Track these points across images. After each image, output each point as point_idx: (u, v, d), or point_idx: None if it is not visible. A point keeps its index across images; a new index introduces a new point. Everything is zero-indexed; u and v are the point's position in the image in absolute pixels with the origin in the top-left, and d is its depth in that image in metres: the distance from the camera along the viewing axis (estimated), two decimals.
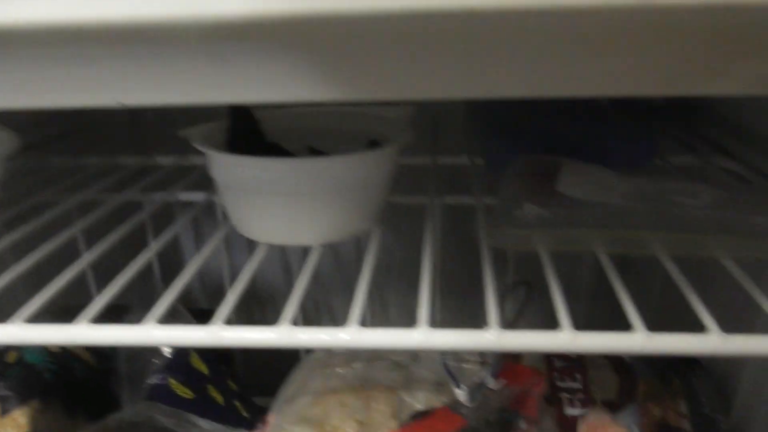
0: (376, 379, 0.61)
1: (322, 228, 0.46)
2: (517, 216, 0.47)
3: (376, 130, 0.51)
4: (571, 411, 0.58)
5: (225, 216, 0.51)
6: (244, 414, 0.67)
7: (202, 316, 0.62)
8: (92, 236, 0.52)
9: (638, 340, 0.34)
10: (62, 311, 0.40)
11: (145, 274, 0.50)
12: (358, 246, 0.87)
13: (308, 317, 0.96)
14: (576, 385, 0.61)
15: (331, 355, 0.67)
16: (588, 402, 0.58)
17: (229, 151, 0.47)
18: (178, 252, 0.92)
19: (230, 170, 0.44)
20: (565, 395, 0.59)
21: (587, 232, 0.45)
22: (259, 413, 0.67)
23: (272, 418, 0.64)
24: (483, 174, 0.59)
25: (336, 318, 0.97)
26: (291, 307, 0.39)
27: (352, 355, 0.67)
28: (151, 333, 0.37)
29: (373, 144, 0.50)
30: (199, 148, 0.44)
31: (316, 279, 0.45)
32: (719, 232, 0.44)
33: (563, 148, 0.60)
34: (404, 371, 0.62)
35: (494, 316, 0.36)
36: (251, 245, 0.47)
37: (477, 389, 0.47)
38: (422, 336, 0.35)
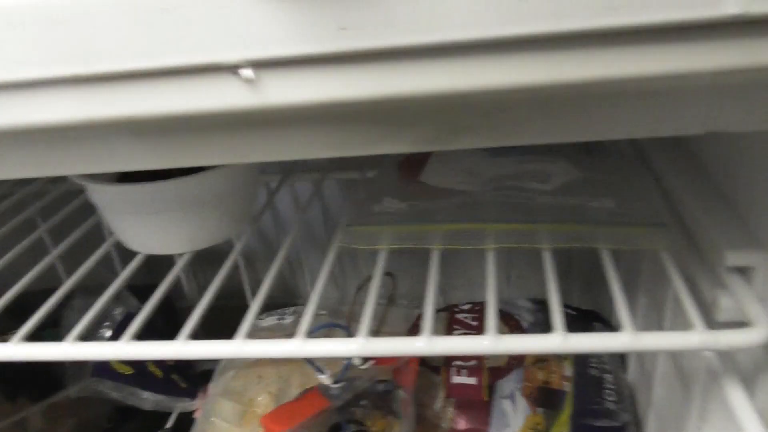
0: None
1: (188, 238, 0.49)
2: (374, 211, 0.50)
3: None
4: (457, 379, 0.62)
5: None
6: (183, 385, 0.73)
7: (145, 290, 0.67)
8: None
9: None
10: None
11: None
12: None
13: None
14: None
15: (259, 330, 0.71)
16: (477, 370, 0.62)
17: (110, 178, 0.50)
18: None
19: (98, 196, 0.48)
20: (457, 364, 0.63)
21: (430, 227, 0.48)
22: (200, 383, 0.73)
23: (211, 388, 0.69)
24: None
25: None
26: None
27: (276, 329, 0.71)
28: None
29: None
30: (75, 180, 0.48)
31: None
32: (555, 221, 0.46)
33: None
34: None
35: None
36: None
37: (343, 371, 0.51)
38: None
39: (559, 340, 0.37)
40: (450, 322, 0.68)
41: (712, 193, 0.46)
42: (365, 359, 0.53)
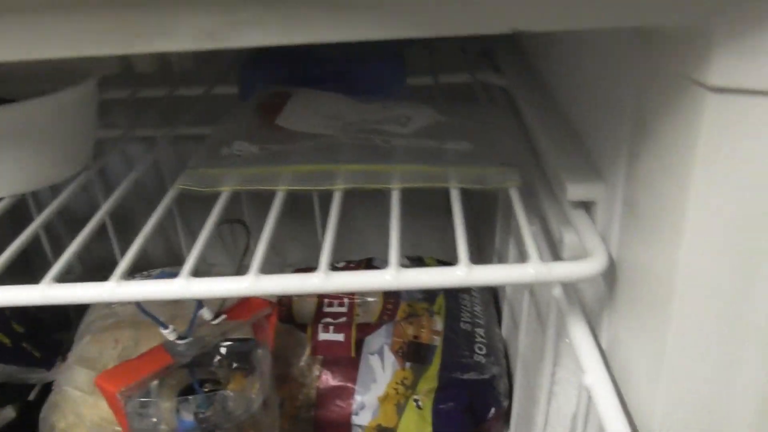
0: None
1: (13, 178, 0.45)
2: (222, 154, 0.47)
3: (76, 65, 0.49)
4: (324, 336, 0.60)
5: None
6: (36, 354, 0.68)
7: None
8: None
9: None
10: None
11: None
12: None
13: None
14: (342, 310, 0.63)
15: None
16: (344, 327, 0.60)
17: None
18: None
19: None
20: (325, 321, 0.61)
21: (278, 168, 0.45)
22: (55, 351, 0.68)
23: (69, 356, 0.65)
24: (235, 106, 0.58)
25: None
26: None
27: None
28: None
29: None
30: None
31: None
32: (408, 162, 0.45)
33: (313, 75, 0.59)
34: (176, 307, 0.62)
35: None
36: None
37: (190, 325, 0.48)
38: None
39: (391, 276, 0.35)
40: None
41: (565, 130, 0.46)
42: (217, 314, 0.50)
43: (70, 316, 0.80)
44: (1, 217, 0.45)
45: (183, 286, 0.35)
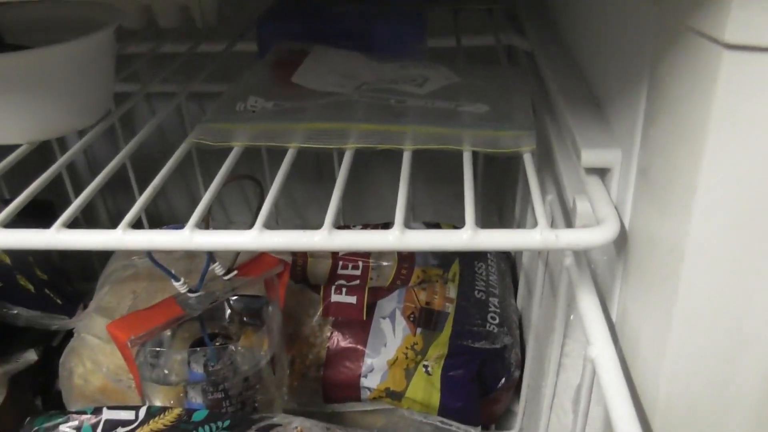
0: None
1: (30, 125, 0.45)
2: (236, 109, 0.46)
3: (95, 17, 0.48)
4: (336, 298, 0.60)
5: None
6: (58, 301, 0.69)
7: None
8: None
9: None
10: None
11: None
12: None
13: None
14: (356, 273, 0.63)
15: None
16: (357, 290, 0.60)
17: None
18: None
19: None
20: (339, 283, 0.61)
21: (291, 125, 0.44)
22: (77, 300, 0.69)
23: (90, 305, 0.66)
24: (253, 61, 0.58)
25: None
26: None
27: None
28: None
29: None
30: None
31: None
32: (422, 123, 0.44)
33: (332, 32, 0.58)
34: (191, 262, 0.63)
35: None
36: None
37: (201, 279, 0.48)
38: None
39: (395, 237, 0.34)
40: None
41: (585, 96, 0.44)
42: (228, 270, 0.50)
43: (94, 266, 0.81)
44: (26, 163, 0.46)
45: (187, 237, 0.35)
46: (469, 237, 0.34)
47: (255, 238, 0.35)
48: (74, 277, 0.77)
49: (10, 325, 0.68)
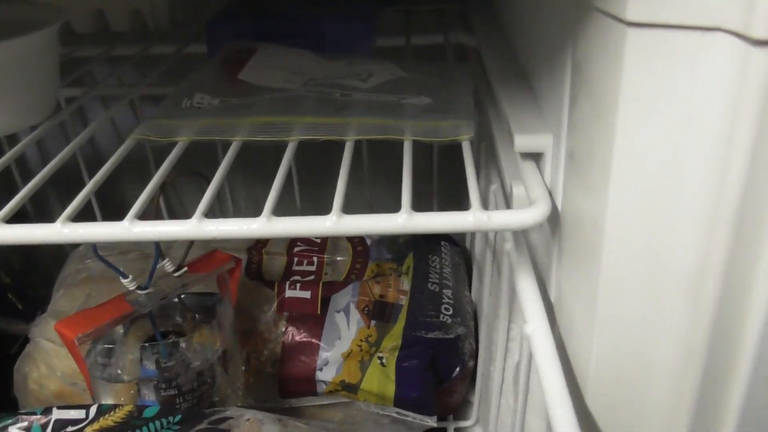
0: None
1: None
2: (182, 106, 0.47)
3: (41, 18, 0.49)
4: (291, 293, 0.60)
5: None
6: (19, 306, 0.69)
7: None
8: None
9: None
10: None
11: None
12: None
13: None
14: (311, 269, 0.63)
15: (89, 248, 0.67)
16: (311, 285, 0.61)
17: None
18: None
19: None
20: (293, 279, 0.62)
21: (236, 120, 0.45)
22: (39, 305, 0.69)
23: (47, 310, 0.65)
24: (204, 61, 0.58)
25: None
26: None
27: (107, 249, 0.67)
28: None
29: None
30: None
31: None
32: (365, 115, 0.45)
33: (282, 32, 0.59)
34: (146, 261, 0.63)
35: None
36: None
37: (150, 276, 0.49)
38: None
39: (332, 222, 0.35)
40: (291, 241, 0.66)
41: (522, 87, 0.46)
42: (179, 267, 0.51)
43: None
44: None
45: (126, 228, 0.36)
46: (404, 220, 0.35)
47: (195, 227, 0.36)
48: (41, 284, 0.76)
49: None
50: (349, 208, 0.36)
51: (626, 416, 0.34)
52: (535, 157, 0.40)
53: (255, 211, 0.36)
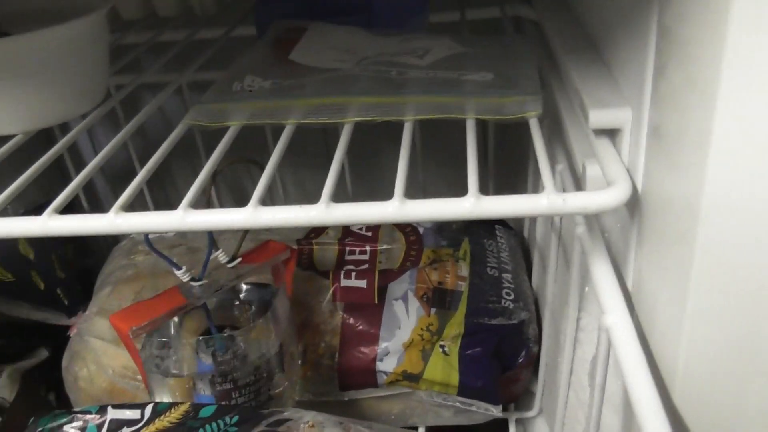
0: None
1: (22, 114, 0.44)
2: (233, 90, 0.45)
3: (90, 4, 0.47)
4: (346, 282, 0.58)
5: None
6: (65, 301, 0.68)
7: None
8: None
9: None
10: None
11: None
12: None
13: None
14: (364, 258, 0.61)
15: (136, 243, 0.67)
16: (367, 273, 0.59)
17: None
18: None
19: None
20: (347, 268, 0.60)
21: (288, 102, 0.43)
22: (82, 303, 0.69)
23: (89, 307, 0.65)
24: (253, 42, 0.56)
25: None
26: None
27: (153, 242, 0.66)
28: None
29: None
30: None
31: None
32: (423, 93, 0.42)
33: (331, 8, 0.56)
34: (196, 254, 0.62)
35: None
36: None
37: (203, 268, 0.47)
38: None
39: (394, 208, 0.33)
40: (343, 230, 0.64)
41: (593, 59, 0.42)
42: (232, 258, 0.49)
43: None
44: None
45: (179, 217, 0.34)
46: (471, 205, 0.32)
47: (251, 215, 0.34)
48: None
49: (22, 321, 0.67)
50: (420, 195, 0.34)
51: (722, 417, 0.31)
52: (610, 133, 0.37)
53: (304, 197, 0.34)
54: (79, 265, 0.75)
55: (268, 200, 0.87)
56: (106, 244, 0.81)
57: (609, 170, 0.34)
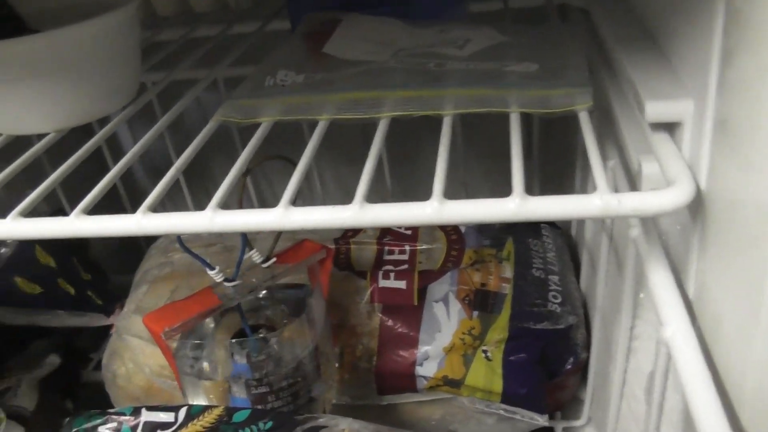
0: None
1: (54, 112, 0.43)
2: (265, 85, 0.44)
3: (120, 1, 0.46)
4: (385, 283, 0.56)
5: None
6: (98, 302, 0.68)
7: None
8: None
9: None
10: None
11: None
12: None
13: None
14: (403, 258, 0.59)
15: (172, 241, 0.66)
16: (406, 274, 0.57)
17: None
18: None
19: None
20: (385, 269, 0.58)
21: (322, 97, 0.41)
22: (115, 300, 0.68)
23: (126, 305, 0.64)
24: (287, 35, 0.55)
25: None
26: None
27: (189, 241, 0.65)
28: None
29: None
30: None
31: None
32: (463, 86, 0.40)
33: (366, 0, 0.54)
34: (231, 254, 0.61)
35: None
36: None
37: (237, 268, 0.46)
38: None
39: (433, 209, 0.30)
40: (382, 229, 0.62)
41: (648, 47, 0.39)
42: (267, 257, 0.48)
43: (131, 260, 0.80)
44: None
45: (208, 218, 0.33)
46: (516, 206, 0.30)
47: (281, 217, 0.32)
48: (110, 271, 0.76)
49: (30, 330, 0.66)
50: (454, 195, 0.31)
51: None
52: (669, 128, 0.34)
53: (344, 194, 0.32)
54: (98, 261, 0.74)
55: (307, 197, 0.86)
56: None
57: (669, 168, 0.31)
